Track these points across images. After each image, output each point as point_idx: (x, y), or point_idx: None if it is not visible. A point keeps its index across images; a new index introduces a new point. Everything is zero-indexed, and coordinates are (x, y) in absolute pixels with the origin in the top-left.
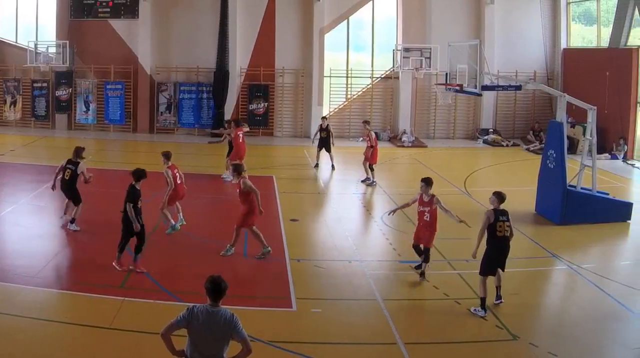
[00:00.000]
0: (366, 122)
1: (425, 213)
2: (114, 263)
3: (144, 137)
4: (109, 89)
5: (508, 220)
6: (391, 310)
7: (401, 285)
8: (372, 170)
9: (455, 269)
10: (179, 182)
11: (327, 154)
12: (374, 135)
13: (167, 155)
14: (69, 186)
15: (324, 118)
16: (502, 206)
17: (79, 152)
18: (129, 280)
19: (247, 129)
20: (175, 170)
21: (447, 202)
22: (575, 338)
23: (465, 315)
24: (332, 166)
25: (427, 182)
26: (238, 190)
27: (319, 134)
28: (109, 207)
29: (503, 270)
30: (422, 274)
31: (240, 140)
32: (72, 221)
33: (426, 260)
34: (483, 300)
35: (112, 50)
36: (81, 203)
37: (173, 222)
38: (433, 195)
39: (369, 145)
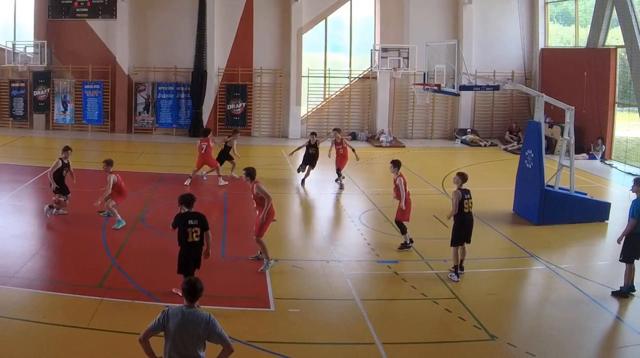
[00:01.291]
0: (337, 130)
1: (393, 192)
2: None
3: (122, 137)
4: (87, 89)
5: (471, 198)
6: (369, 310)
7: (379, 285)
8: (339, 174)
9: (433, 269)
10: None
11: (310, 170)
12: (347, 144)
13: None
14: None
15: (313, 134)
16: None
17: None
18: (106, 280)
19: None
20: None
21: (425, 202)
22: (554, 338)
23: (444, 315)
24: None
25: (395, 163)
26: (252, 195)
27: (305, 149)
28: (86, 206)
29: (469, 243)
30: (404, 245)
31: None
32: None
33: (401, 231)
34: (456, 267)
35: (90, 50)
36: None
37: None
38: (399, 175)
39: (342, 153)
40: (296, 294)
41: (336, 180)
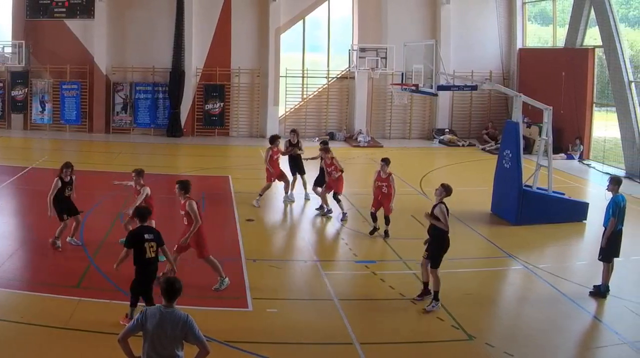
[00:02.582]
0: (325, 148)
1: (384, 187)
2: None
3: (100, 137)
4: (65, 89)
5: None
6: (347, 310)
7: (357, 285)
8: (338, 201)
9: (411, 269)
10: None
11: (301, 178)
12: (339, 165)
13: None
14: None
15: (293, 132)
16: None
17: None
18: (84, 280)
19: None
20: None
21: (403, 202)
22: (532, 338)
23: (422, 315)
24: (306, 195)
25: (386, 161)
26: (183, 212)
27: (287, 148)
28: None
29: None
30: (386, 233)
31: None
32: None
33: (387, 222)
34: (437, 293)
35: (68, 50)
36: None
37: None
38: (390, 174)
39: (333, 176)
40: (274, 294)
41: (327, 211)
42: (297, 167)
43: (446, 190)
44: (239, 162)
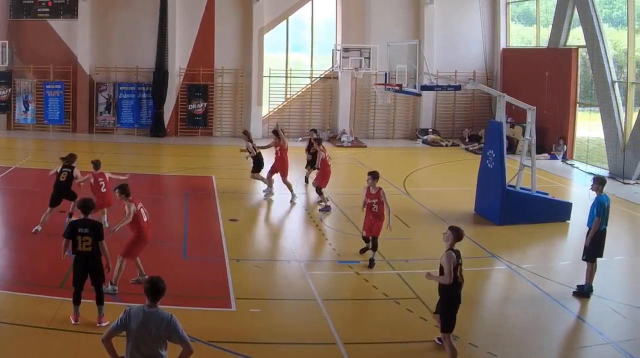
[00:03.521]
0: (315, 135)
1: (374, 205)
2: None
3: (83, 137)
4: (48, 89)
5: (462, 263)
6: (330, 310)
7: (340, 285)
8: (320, 193)
9: (394, 269)
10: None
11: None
12: (323, 155)
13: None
14: (66, 187)
15: (313, 131)
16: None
17: (73, 157)
18: (68, 280)
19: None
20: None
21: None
22: (515, 338)
23: (405, 315)
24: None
25: (374, 175)
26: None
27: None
28: (46, 206)
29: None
30: (372, 262)
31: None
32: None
33: (374, 248)
34: None
35: (51, 50)
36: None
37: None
38: (380, 188)
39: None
40: (257, 294)
41: (320, 203)
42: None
43: (456, 234)
44: (222, 162)
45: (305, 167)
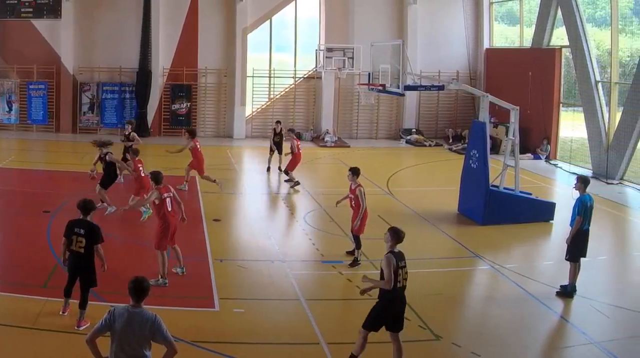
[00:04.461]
0: (291, 130)
1: (352, 201)
2: (80, 327)
3: (67, 137)
4: (32, 88)
5: (406, 266)
6: (314, 310)
7: (324, 285)
8: (286, 173)
9: (377, 269)
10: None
11: (279, 156)
12: (296, 143)
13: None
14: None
15: (277, 122)
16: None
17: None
18: (51, 280)
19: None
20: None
21: (370, 202)
22: (498, 338)
23: None
24: (279, 168)
25: (354, 171)
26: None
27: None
28: (30, 207)
29: (399, 330)
30: (355, 261)
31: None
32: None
33: (356, 246)
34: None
35: (34, 50)
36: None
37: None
38: (358, 185)
39: (291, 152)
40: (241, 294)
41: (287, 180)
42: (278, 148)
43: (395, 235)
44: (206, 162)
45: (270, 152)
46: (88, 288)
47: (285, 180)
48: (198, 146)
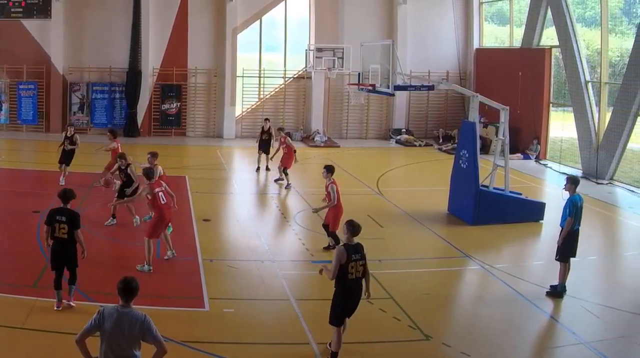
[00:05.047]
0: (280, 129)
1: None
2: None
3: (57, 137)
4: (22, 89)
5: (362, 259)
6: (304, 310)
7: (314, 285)
8: (286, 174)
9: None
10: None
11: (266, 156)
12: (290, 141)
13: None
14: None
15: (266, 120)
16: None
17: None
18: (41, 280)
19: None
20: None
21: (359, 202)
22: (488, 338)
23: (378, 315)
24: (267, 167)
25: (328, 169)
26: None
27: (259, 136)
28: (19, 207)
29: (348, 317)
30: (328, 247)
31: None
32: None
33: (335, 241)
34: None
35: (24, 50)
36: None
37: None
38: (331, 182)
39: (287, 151)
40: (231, 294)
41: (277, 180)
42: (263, 147)
43: (350, 228)
44: (195, 162)
45: (259, 151)
46: (74, 269)
47: (276, 180)
48: (119, 147)
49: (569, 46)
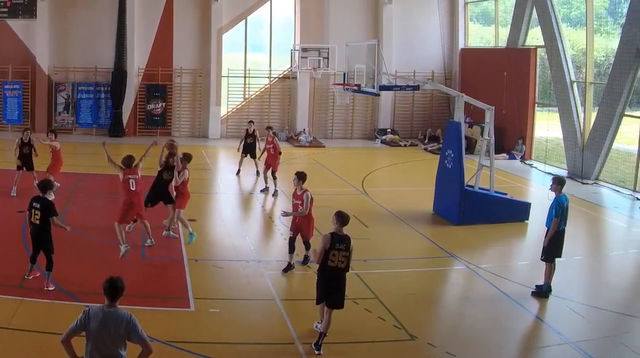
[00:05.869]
0: (269, 128)
1: (299, 207)
2: (49, 288)
3: (42, 137)
4: (7, 89)
5: (347, 250)
6: (289, 309)
7: (299, 285)
8: (274, 178)
9: (353, 269)
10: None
11: (252, 160)
12: (277, 142)
13: None
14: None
15: (250, 122)
16: (344, 230)
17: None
18: (27, 280)
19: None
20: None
21: (344, 202)
22: (473, 338)
23: (363, 315)
24: (257, 172)
25: (299, 176)
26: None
27: (244, 140)
28: (4, 206)
29: (334, 308)
30: (306, 259)
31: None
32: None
33: (307, 247)
34: (321, 335)
35: (10, 50)
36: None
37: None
38: (305, 190)
39: (273, 152)
40: (216, 294)
41: (262, 191)
42: (250, 150)
43: (339, 218)
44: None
45: (242, 154)
46: (50, 255)
47: (262, 190)
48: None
49: (554, 46)
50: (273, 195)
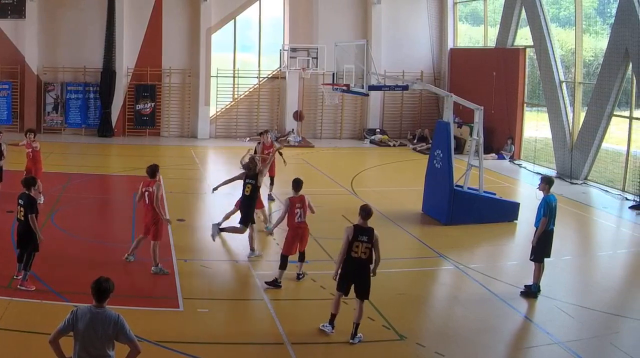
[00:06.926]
0: (266, 132)
1: (304, 212)
2: (21, 287)
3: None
4: None
5: (369, 242)
6: (278, 310)
7: (288, 285)
8: (272, 184)
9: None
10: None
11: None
12: (277, 146)
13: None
14: (249, 202)
15: (263, 133)
16: (369, 223)
17: (252, 163)
18: (15, 280)
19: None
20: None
21: (334, 202)
22: (463, 338)
23: (352, 315)
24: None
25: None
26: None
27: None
28: None
29: (363, 298)
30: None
31: None
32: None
33: (301, 258)
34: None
35: None
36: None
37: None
38: (300, 196)
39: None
40: (205, 294)
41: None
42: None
43: (362, 212)
44: (170, 162)
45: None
46: (31, 253)
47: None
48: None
49: (543, 46)
50: (269, 200)
